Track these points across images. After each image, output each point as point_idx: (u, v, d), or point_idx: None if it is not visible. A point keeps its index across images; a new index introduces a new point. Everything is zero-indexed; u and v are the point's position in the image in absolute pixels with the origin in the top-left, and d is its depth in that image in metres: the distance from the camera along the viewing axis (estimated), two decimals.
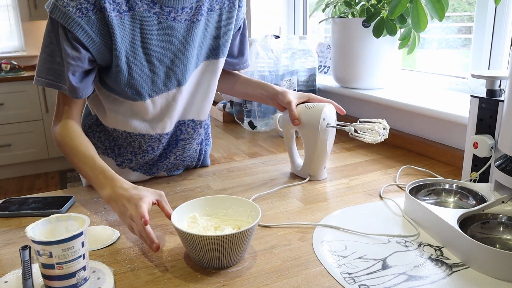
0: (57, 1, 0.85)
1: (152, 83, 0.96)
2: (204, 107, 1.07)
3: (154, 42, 0.94)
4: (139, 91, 0.95)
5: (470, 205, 0.90)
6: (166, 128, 1.04)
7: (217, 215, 0.84)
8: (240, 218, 0.82)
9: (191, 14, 0.96)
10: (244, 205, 0.83)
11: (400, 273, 0.71)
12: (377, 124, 0.99)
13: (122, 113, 1.00)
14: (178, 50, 0.97)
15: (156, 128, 1.03)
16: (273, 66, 1.64)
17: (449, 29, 1.55)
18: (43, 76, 0.92)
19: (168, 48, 0.96)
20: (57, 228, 0.68)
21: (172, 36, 0.95)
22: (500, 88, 0.96)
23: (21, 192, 3.56)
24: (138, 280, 0.71)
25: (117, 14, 0.88)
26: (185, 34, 0.96)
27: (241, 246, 0.73)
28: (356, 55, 1.51)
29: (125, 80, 0.93)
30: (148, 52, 0.94)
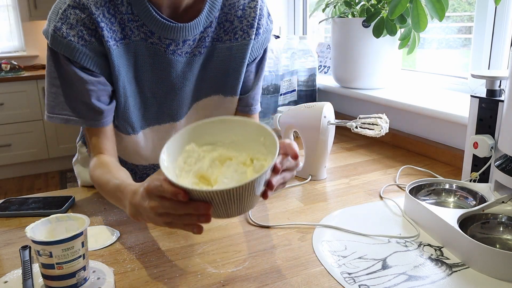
0: (55, 32, 0.79)
1: (143, 116, 0.92)
2: None
3: (148, 73, 0.87)
4: (131, 124, 0.91)
5: (470, 205, 0.90)
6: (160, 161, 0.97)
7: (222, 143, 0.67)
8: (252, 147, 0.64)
9: (193, 46, 0.88)
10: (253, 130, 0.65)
11: (400, 273, 0.71)
12: (378, 119, 1.00)
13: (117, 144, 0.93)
14: (175, 85, 0.90)
15: (149, 160, 1.00)
16: (273, 66, 1.64)
17: (449, 29, 1.55)
18: (57, 112, 0.85)
19: (164, 82, 0.89)
20: (57, 228, 0.68)
21: (169, 71, 0.88)
22: (500, 88, 0.96)
23: (21, 192, 3.56)
24: (138, 280, 0.71)
25: (114, 43, 0.83)
26: (184, 69, 0.89)
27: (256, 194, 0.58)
28: (356, 55, 1.51)
29: (120, 110, 0.88)
30: (141, 83, 0.88)
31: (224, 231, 0.86)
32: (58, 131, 3.86)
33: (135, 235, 0.85)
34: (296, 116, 1.10)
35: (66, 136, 3.82)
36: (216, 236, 0.84)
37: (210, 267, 0.74)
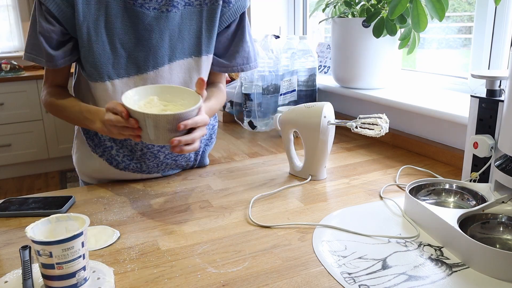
0: None
1: (113, 65, 0.98)
2: None
3: (118, 25, 0.96)
4: (99, 71, 0.98)
5: (470, 205, 0.90)
6: None
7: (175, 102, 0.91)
8: None
9: (161, 3, 0.97)
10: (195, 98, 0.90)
11: (400, 273, 0.71)
12: (378, 119, 1.00)
13: (92, 96, 1.03)
14: (142, 37, 0.98)
15: None
16: (273, 66, 1.64)
17: (449, 29, 1.55)
18: (28, 51, 0.99)
19: (132, 33, 0.97)
20: (57, 228, 0.68)
21: (136, 23, 0.97)
22: (500, 88, 0.96)
23: (21, 192, 3.56)
24: (138, 280, 0.71)
25: None
26: (151, 22, 0.97)
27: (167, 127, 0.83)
28: (356, 55, 1.51)
29: (85, 56, 0.97)
30: (111, 34, 0.96)
31: (224, 231, 0.86)
32: (58, 131, 3.86)
33: (135, 235, 0.85)
34: (296, 116, 1.10)
35: (66, 136, 3.82)
36: (216, 236, 0.84)
37: (210, 267, 0.74)
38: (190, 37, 1.02)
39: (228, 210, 0.95)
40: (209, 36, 1.04)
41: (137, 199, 1.02)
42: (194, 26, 1.02)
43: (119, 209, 0.97)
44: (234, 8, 1.05)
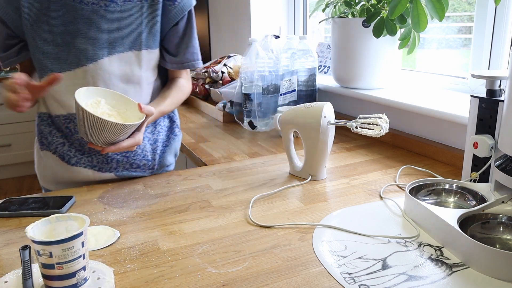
0: None
1: (56, 60, 1.03)
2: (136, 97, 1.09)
3: (59, 21, 1.01)
4: (44, 66, 1.03)
5: (470, 205, 0.90)
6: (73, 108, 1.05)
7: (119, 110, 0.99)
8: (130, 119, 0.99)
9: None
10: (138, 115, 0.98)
11: (400, 273, 0.71)
12: (378, 119, 1.00)
13: None
14: (81, 31, 1.02)
15: (65, 107, 1.07)
16: (273, 66, 1.64)
17: (449, 29, 1.55)
18: None
19: (71, 28, 1.02)
20: (57, 228, 0.68)
21: (75, 17, 1.01)
22: (500, 88, 0.96)
23: (21, 192, 3.56)
24: (138, 280, 0.71)
25: None
26: (89, 17, 1.01)
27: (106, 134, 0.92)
28: (356, 55, 1.51)
29: (32, 53, 1.04)
30: (53, 30, 1.01)
31: (224, 231, 0.86)
32: None
33: (135, 235, 0.85)
34: (296, 116, 1.10)
35: None
36: (216, 236, 0.84)
37: (210, 267, 0.74)
38: (130, 32, 1.06)
39: (228, 210, 0.95)
40: (150, 32, 1.08)
41: (137, 199, 1.02)
42: (134, 21, 1.05)
43: (119, 209, 0.97)
44: (180, 6, 1.09)
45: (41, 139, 1.14)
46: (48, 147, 1.13)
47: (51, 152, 1.13)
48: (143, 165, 1.17)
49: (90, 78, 1.05)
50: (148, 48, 1.09)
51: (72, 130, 1.10)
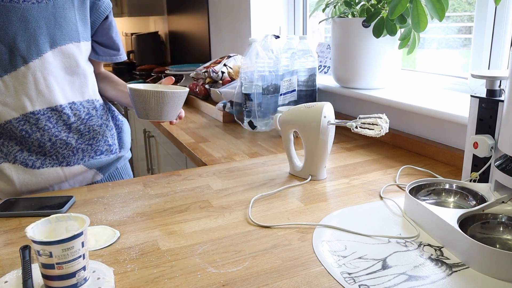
0: None
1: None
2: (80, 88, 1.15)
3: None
4: None
5: (470, 205, 0.90)
6: (27, 107, 1.06)
7: None
8: None
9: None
10: None
11: (400, 273, 0.71)
12: (378, 119, 1.00)
13: None
14: (19, 28, 1.02)
15: (17, 109, 1.06)
16: (273, 66, 1.64)
17: (449, 29, 1.55)
18: None
19: (8, 27, 1.01)
20: (57, 228, 0.68)
21: (10, 16, 1.01)
22: (500, 88, 0.96)
23: None
24: (138, 280, 0.71)
25: None
26: (24, 14, 1.02)
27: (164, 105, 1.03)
28: (356, 55, 1.51)
29: None
30: None
31: (224, 231, 0.86)
32: None
33: (135, 235, 0.85)
34: (296, 116, 1.10)
35: None
36: (216, 236, 0.84)
37: (210, 267, 0.74)
38: (67, 24, 1.09)
39: (228, 210, 0.95)
40: (84, 25, 1.13)
41: (137, 199, 1.02)
42: (68, 15, 1.09)
43: (119, 209, 0.97)
44: (107, 1, 1.17)
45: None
46: (6, 159, 1.10)
47: (11, 163, 1.10)
48: (106, 150, 1.22)
49: (39, 73, 1.06)
50: (85, 40, 1.14)
51: (28, 131, 1.08)
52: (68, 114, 1.12)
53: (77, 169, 1.16)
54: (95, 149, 1.20)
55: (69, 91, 1.12)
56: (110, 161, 1.24)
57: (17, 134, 1.08)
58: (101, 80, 1.30)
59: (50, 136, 1.10)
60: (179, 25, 3.51)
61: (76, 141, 1.15)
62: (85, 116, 1.15)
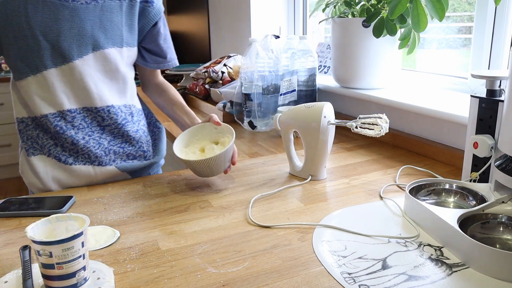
0: None
1: (39, 58, 1.03)
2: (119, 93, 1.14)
3: (39, 19, 1.00)
4: (29, 65, 1.03)
5: (470, 205, 0.90)
6: (64, 105, 1.07)
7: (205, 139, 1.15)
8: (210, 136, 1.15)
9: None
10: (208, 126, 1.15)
11: (400, 273, 0.71)
12: (378, 119, 1.00)
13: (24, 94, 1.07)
14: (65, 27, 1.03)
15: (55, 105, 1.07)
16: (273, 66, 1.64)
17: (449, 29, 1.55)
18: None
19: (54, 23, 1.02)
20: (57, 228, 0.68)
21: (57, 13, 1.01)
22: (500, 88, 0.96)
23: (21, 192, 3.56)
24: (138, 280, 0.71)
25: None
26: (71, 13, 1.03)
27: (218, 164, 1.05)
28: (356, 55, 1.51)
29: (14, 54, 1.03)
30: (32, 28, 1.00)
31: (224, 231, 0.86)
32: None
33: (135, 235, 0.85)
34: (296, 116, 1.10)
35: None
36: (216, 236, 0.84)
37: (210, 267, 0.74)
38: (112, 29, 1.08)
39: (228, 210, 0.95)
40: (130, 30, 1.12)
41: (137, 199, 1.02)
42: (115, 19, 1.08)
43: (119, 209, 0.97)
44: (157, 7, 1.16)
45: (32, 144, 1.11)
46: (41, 151, 1.11)
47: (46, 155, 1.11)
48: (139, 155, 1.20)
49: (78, 74, 1.06)
50: (128, 46, 1.13)
51: (63, 127, 1.08)
52: (103, 116, 1.12)
53: (109, 170, 1.15)
54: (128, 153, 1.18)
55: (107, 95, 1.12)
56: (143, 166, 1.21)
57: (52, 129, 1.09)
58: (158, 94, 1.29)
59: (83, 135, 1.10)
60: (179, 25, 3.51)
61: (109, 143, 1.14)
62: (121, 121, 1.14)
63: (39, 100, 1.07)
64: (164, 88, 1.30)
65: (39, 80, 1.05)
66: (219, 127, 1.13)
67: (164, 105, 1.29)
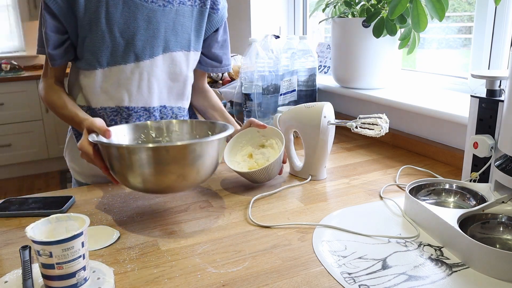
0: None
1: (111, 53, 1.06)
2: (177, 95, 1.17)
3: (118, 15, 1.03)
4: (98, 58, 1.05)
5: (470, 205, 0.90)
6: (124, 101, 1.09)
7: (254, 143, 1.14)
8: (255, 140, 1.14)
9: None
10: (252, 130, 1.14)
11: (400, 273, 0.71)
12: (378, 119, 1.00)
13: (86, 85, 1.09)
14: (141, 27, 1.06)
15: (115, 99, 1.09)
16: (273, 66, 1.64)
17: (449, 29, 1.55)
18: (40, 45, 1.09)
19: (131, 23, 1.05)
20: (57, 228, 0.68)
21: (135, 14, 1.05)
22: (500, 88, 0.96)
23: (21, 192, 3.56)
24: (138, 280, 0.71)
25: None
26: (149, 14, 1.06)
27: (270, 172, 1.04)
28: (356, 55, 1.51)
29: (86, 46, 1.05)
30: (111, 24, 1.03)
31: (224, 231, 0.86)
32: (58, 131, 3.86)
33: (135, 235, 0.85)
34: (296, 116, 1.10)
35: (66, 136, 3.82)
36: (216, 236, 0.84)
37: (210, 267, 0.74)
38: (182, 32, 1.11)
39: (228, 210, 0.95)
40: (197, 35, 1.15)
41: (137, 199, 1.02)
42: (186, 23, 1.12)
43: (119, 209, 0.97)
44: (221, 14, 1.18)
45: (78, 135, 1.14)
46: None
47: None
48: None
49: (145, 74, 1.09)
50: (194, 50, 1.16)
51: (118, 122, 1.12)
52: (156, 116, 1.14)
53: None
54: None
55: (166, 96, 1.15)
56: None
57: (106, 122, 1.10)
58: (202, 97, 1.30)
59: None
60: None
61: None
62: None
63: (100, 93, 1.09)
64: (208, 92, 1.32)
65: (105, 74, 1.07)
66: (262, 130, 1.12)
67: (205, 109, 1.30)
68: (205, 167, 0.84)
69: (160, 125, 1.05)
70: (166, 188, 0.83)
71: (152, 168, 0.79)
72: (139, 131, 1.03)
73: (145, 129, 1.03)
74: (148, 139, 1.03)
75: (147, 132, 1.03)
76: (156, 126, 1.04)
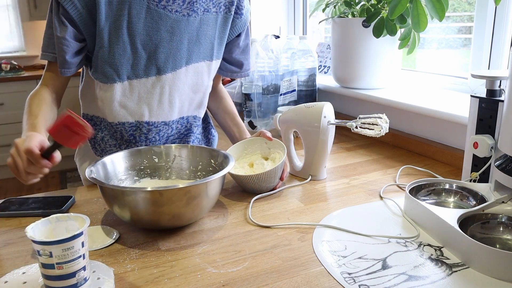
0: None
1: (132, 66, 1.00)
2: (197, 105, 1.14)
3: (141, 26, 0.97)
4: (118, 71, 0.99)
5: (470, 205, 0.90)
6: (144, 116, 1.05)
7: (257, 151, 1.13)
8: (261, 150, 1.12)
9: (183, 7, 0.99)
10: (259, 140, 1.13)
11: (400, 273, 0.71)
12: (378, 119, 1.00)
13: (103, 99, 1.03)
14: (164, 39, 1.00)
15: (134, 115, 1.05)
16: (273, 66, 1.64)
17: (449, 29, 1.55)
18: (49, 51, 0.99)
19: (154, 34, 0.99)
20: (57, 228, 0.68)
21: (159, 24, 0.98)
22: (500, 88, 0.96)
23: (21, 192, 3.56)
24: (138, 280, 0.71)
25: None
26: (173, 25, 0.99)
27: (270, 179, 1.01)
28: (356, 55, 1.51)
29: (105, 57, 0.98)
30: (133, 35, 0.97)
31: (224, 231, 0.86)
32: None
33: (135, 235, 0.85)
34: (296, 116, 1.10)
35: None
36: (216, 236, 0.84)
37: (210, 267, 0.74)
38: (206, 42, 1.06)
39: (228, 210, 0.95)
40: (220, 43, 1.10)
41: None
42: (209, 32, 1.06)
43: None
44: (244, 19, 1.12)
45: (94, 145, 1.11)
46: (100, 154, 1.11)
47: None
48: None
49: (167, 87, 1.05)
50: (217, 59, 1.11)
51: (136, 137, 1.08)
52: (172, 127, 1.11)
53: None
54: None
55: (186, 108, 1.11)
56: None
57: (124, 137, 1.08)
58: (216, 100, 1.26)
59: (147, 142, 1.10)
60: None
61: None
62: (184, 131, 1.15)
63: (119, 108, 1.04)
64: (222, 95, 1.27)
65: (125, 88, 1.02)
66: (270, 142, 1.09)
67: (217, 112, 1.26)
68: (200, 206, 0.83)
69: (162, 150, 1.01)
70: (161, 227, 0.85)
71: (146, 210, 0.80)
72: (141, 157, 1.00)
73: (148, 154, 1.00)
74: (151, 164, 1.01)
75: (149, 157, 1.00)
76: (159, 151, 1.01)
